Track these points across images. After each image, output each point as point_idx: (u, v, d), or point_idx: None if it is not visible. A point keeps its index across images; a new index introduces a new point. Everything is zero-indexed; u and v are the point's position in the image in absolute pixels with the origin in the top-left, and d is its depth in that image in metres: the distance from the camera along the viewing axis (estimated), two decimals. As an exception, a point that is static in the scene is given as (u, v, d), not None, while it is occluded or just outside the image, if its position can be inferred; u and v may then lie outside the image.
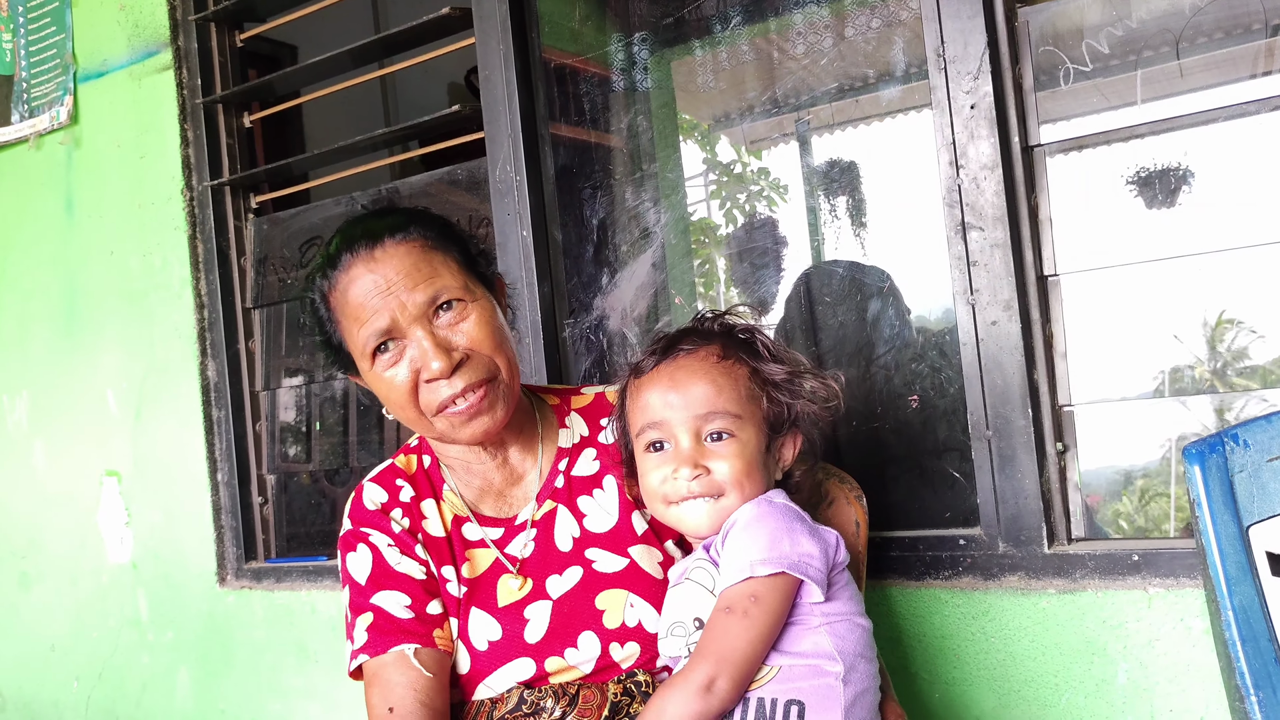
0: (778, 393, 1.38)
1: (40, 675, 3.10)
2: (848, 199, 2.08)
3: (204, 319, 2.67)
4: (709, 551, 1.36)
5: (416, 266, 1.39)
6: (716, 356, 1.38)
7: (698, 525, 1.36)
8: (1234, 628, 1.31)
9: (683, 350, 1.40)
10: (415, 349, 1.39)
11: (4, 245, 3.11)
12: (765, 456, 1.37)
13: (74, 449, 2.97)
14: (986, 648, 1.67)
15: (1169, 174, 1.69)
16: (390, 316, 1.38)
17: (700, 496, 1.34)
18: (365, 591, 1.45)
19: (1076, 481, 1.70)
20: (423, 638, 1.42)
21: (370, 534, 1.48)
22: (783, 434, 1.40)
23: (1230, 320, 1.75)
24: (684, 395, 1.36)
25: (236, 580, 2.63)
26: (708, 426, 1.35)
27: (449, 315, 1.41)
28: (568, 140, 2.27)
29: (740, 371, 1.38)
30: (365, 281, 1.39)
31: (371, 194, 2.50)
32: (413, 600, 1.44)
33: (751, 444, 1.35)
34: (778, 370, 1.39)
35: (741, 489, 1.34)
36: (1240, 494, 1.35)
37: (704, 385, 1.36)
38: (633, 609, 1.44)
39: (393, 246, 1.40)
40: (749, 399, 1.36)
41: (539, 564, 1.48)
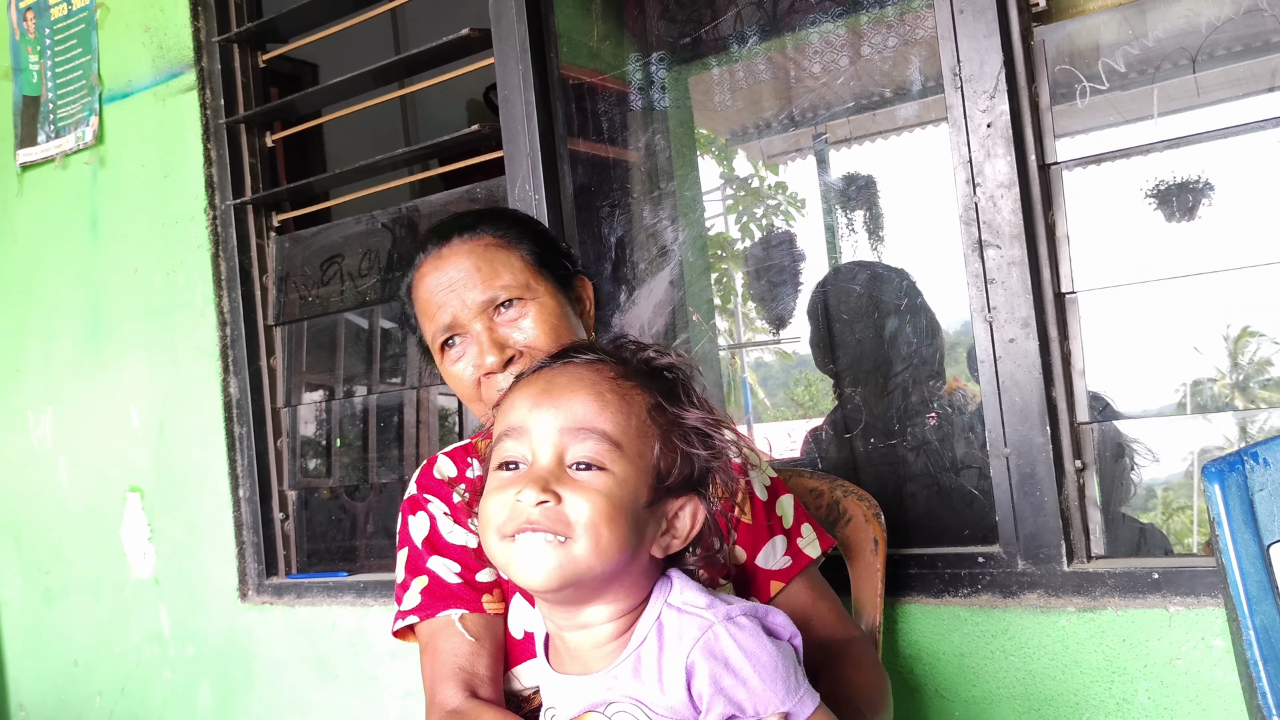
0: (679, 439, 1.10)
1: (63, 690, 3.12)
2: (865, 214, 2.09)
3: (226, 336, 2.70)
4: (634, 699, 1.07)
5: (478, 265, 1.44)
6: (614, 374, 1.10)
7: (531, 572, 1.04)
8: (1255, 647, 1.30)
9: (568, 359, 1.14)
10: (474, 345, 1.45)
11: (30, 263, 3.15)
12: (644, 513, 1.07)
13: (97, 465, 3.00)
14: (1006, 666, 1.67)
15: (1187, 189, 1.69)
16: (453, 313, 1.44)
17: (541, 530, 1.04)
18: (422, 555, 1.48)
19: (1095, 499, 1.69)
20: (470, 603, 1.44)
21: (430, 501, 1.51)
22: (677, 496, 1.10)
23: (1252, 333, 1.75)
24: (558, 403, 1.08)
25: (258, 596, 2.65)
26: (575, 447, 1.06)
27: (509, 313, 1.45)
28: (586, 158, 2.28)
29: (639, 398, 1.09)
30: (432, 279, 1.46)
31: (391, 212, 2.52)
32: (463, 567, 1.46)
33: (626, 486, 1.05)
34: (690, 414, 1.11)
35: (596, 537, 1.03)
36: (1261, 512, 1.34)
37: (585, 398, 1.07)
38: None
39: (460, 244, 1.46)
40: (639, 433, 1.07)
41: None
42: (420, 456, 2.63)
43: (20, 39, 3.12)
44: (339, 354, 2.78)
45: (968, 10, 1.69)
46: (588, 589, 1.07)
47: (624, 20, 2.35)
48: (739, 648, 1.05)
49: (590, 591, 1.08)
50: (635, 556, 1.07)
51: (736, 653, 1.05)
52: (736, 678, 1.04)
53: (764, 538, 1.41)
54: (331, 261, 2.61)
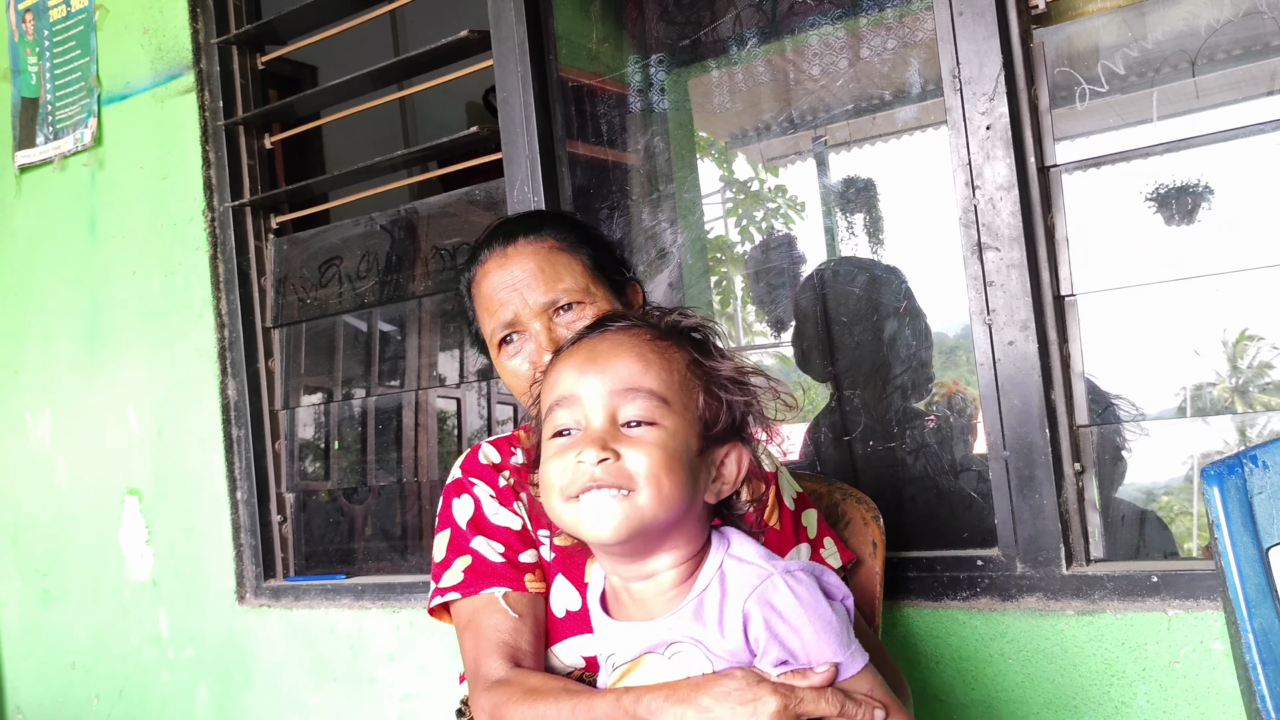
0: (718, 388, 1.16)
1: (61, 692, 3.12)
2: (864, 216, 2.09)
3: (224, 338, 2.70)
4: (694, 638, 1.13)
5: (541, 268, 1.49)
6: (651, 335, 1.17)
7: (600, 526, 1.11)
8: (1254, 650, 1.30)
9: (602, 329, 1.20)
10: (533, 343, 1.48)
11: (28, 264, 3.15)
12: (696, 461, 1.14)
13: (96, 466, 2.99)
14: (1004, 669, 1.67)
15: (1186, 192, 1.68)
16: (514, 311, 1.48)
17: (605, 486, 1.10)
18: (465, 535, 1.51)
19: (1094, 502, 1.69)
20: (513, 581, 1.46)
21: (475, 484, 1.54)
22: (722, 443, 1.17)
23: (1251, 337, 1.75)
24: (604, 369, 1.14)
25: (255, 598, 2.65)
26: (626, 407, 1.12)
27: (568, 315, 1.48)
28: (585, 160, 2.28)
29: (677, 355, 1.16)
30: (496, 277, 1.50)
31: (390, 214, 2.52)
32: (506, 548, 1.49)
33: (678, 437, 1.12)
34: (723, 365, 1.18)
35: (658, 487, 1.09)
36: (1260, 515, 1.34)
37: (629, 360, 1.14)
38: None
39: (524, 245, 1.50)
40: (682, 386, 1.14)
41: None
42: (419, 459, 2.63)
43: (19, 40, 3.12)
44: (337, 356, 2.78)
45: (967, 13, 1.69)
46: (652, 538, 1.13)
47: (623, 22, 2.35)
48: (795, 599, 1.10)
49: (654, 541, 1.14)
50: (692, 503, 1.14)
51: (792, 603, 1.10)
52: (790, 626, 1.10)
53: (790, 544, 1.45)
54: (330, 264, 2.61)
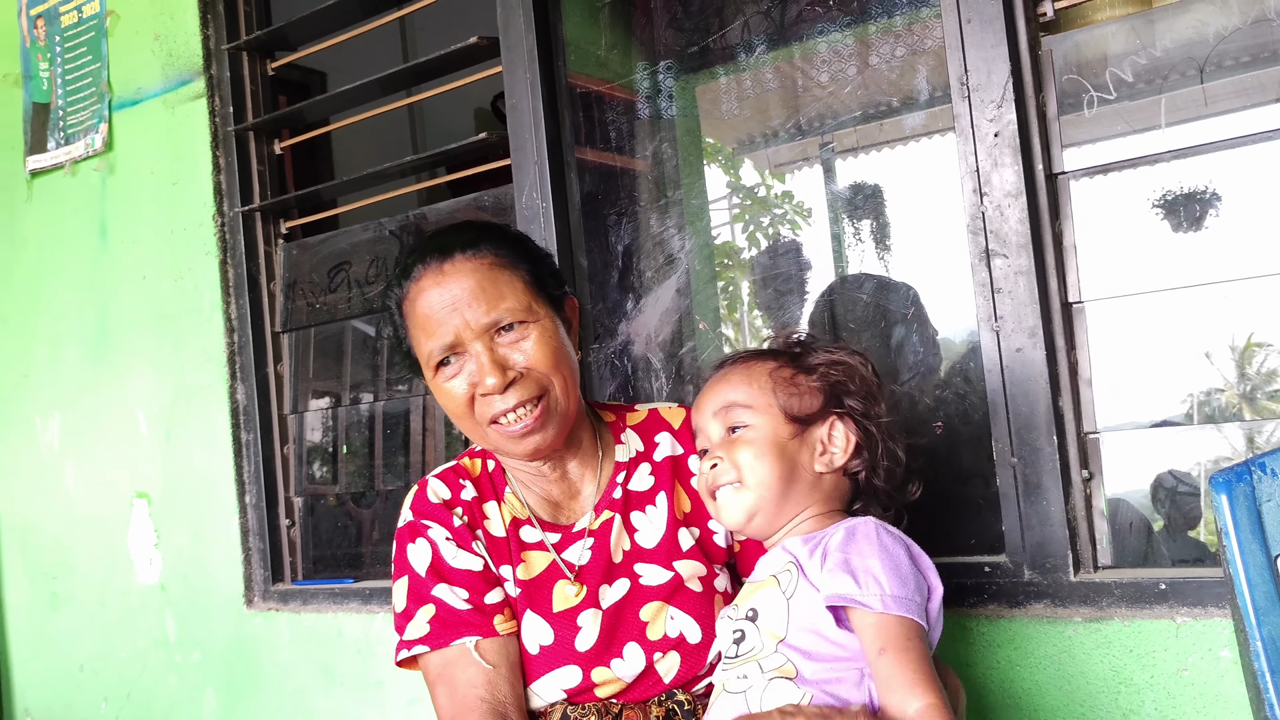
0: (803, 383, 1.41)
1: (69, 695, 3.13)
2: (871, 223, 2.09)
3: (234, 343, 2.70)
4: (797, 557, 1.35)
5: (482, 286, 1.44)
6: (744, 361, 1.46)
7: (726, 514, 1.41)
8: (1263, 658, 1.30)
9: (716, 370, 1.49)
10: (473, 364, 1.44)
11: (39, 269, 3.16)
12: (792, 444, 1.39)
13: (104, 470, 3.00)
14: (1012, 676, 1.66)
15: (1194, 199, 1.68)
16: (455, 333, 1.43)
17: (725, 486, 1.39)
18: (426, 583, 1.47)
19: (1102, 509, 1.69)
20: (483, 628, 1.44)
21: (430, 527, 1.50)
22: (818, 424, 1.41)
23: (1259, 344, 1.74)
24: (709, 398, 1.44)
25: (263, 602, 2.65)
26: (727, 421, 1.41)
27: (510, 335, 1.45)
28: (593, 166, 2.29)
29: (760, 367, 1.43)
30: (433, 295, 1.44)
31: (399, 219, 2.53)
32: (471, 593, 1.46)
33: (764, 431, 1.38)
34: (809, 362, 1.43)
35: (755, 475, 1.37)
36: (1268, 523, 1.34)
37: (723, 386, 1.43)
38: (673, 620, 1.46)
39: (462, 262, 1.45)
40: (761, 391, 1.41)
41: (594, 572, 1.50)
42: (427, 464, 2.63)
43: (31, 46, 3.14)
44: (346, 361, 2.79)
45: (975, 20, 1.69)
46: (772, 511, 1.39)
47: (632, 29, 2.36)
48: (875, 534, 1.30)
49: (776, 513, 1.39)
50: (796, 478, 1.38)
51: (872, 535, 1.30)
52: (857, 549, 1.28)
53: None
54: (339, 269, 2.61)
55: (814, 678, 1.27)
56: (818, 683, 1.27)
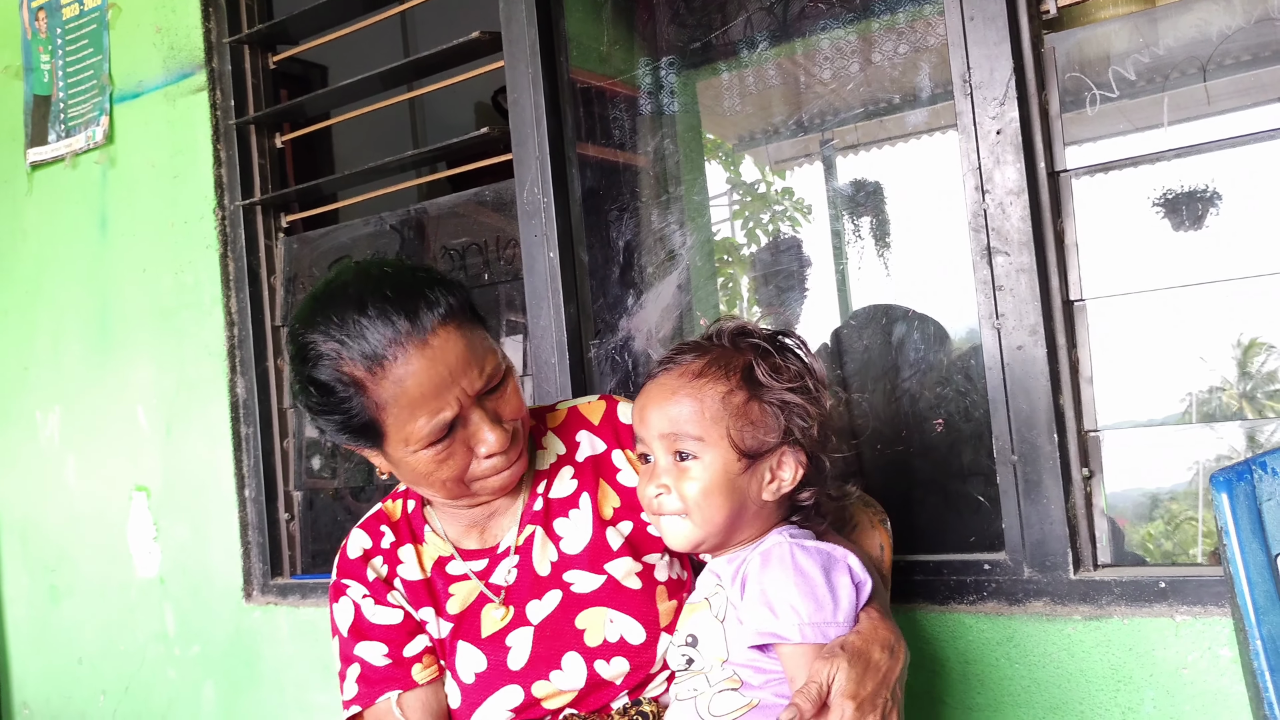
0: (756, 414, 1.33)
1: (68, 688, 3.13)
2: (872, 220, 2.09)
3: (234, 336, 2.70)
4: (720, 578, 1.36)
5: (469, 351, 1.35)
6: (692, 375, 1.35)
7: (671, 541, 1.37)
8: (1262, 657, 1.30)
9: (668, 365, 1.39)
10: (471, 429, 1.37)
11: (39, 262, 3.16)
12: (742, 479, 1.32)
13: (105, 464, 3.00)
14: (1011, 674, 1.67)
15: (1196, 198, 1.68)
16: (456, 408, 1.34)
17: (670, 514, 1.35)
18: (349, 643, 1.50)
19: (1103, 507, 1.69)
20: (402, 681, 1.47)
21: (349, 586, 1.52)
22: (769, 457, 1.34)
23: (1261, 344, 1.74)
24: (654, 414, 1.35)
25: (263, 596, 2.65)
26: (674, 446, 1.34)
27: (496, 391, 1.39)
28: (595, 162, 2.29)
29: (712, 391, 1.33)
30: (426, 374, 1.32)
31: (400, 214, 2.53)
32: (390, 648, 1.48)
33: (714, 467, 1.31)
34: (765, 392, 1.34)
35: (702, 512, 1.32)
36: (1269, 522, 1.34)
37: (670, 405, 1.34)
38: (613, 624, 1.45)
39: (444, 333, 1.33)
40: (713, 421, 1.32)
41: (521, 590, 1.49)
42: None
43: (32, 38, 3.13)
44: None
45: (978, 17, 1.69)
46: (717, 541, 1.36)
47: (634, 25, 2.36)
48: (790, 558, 1.29)
49: (721, 542, 1.37)
50: (743, 509, 1.34)
51: (787, 560, 1.28)
52: (772, 578, 1.28)
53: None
54: (339, 263, 2.61)
55: (759, 685, 1.30)
56: (763, 687, 1.30)
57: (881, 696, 1.23)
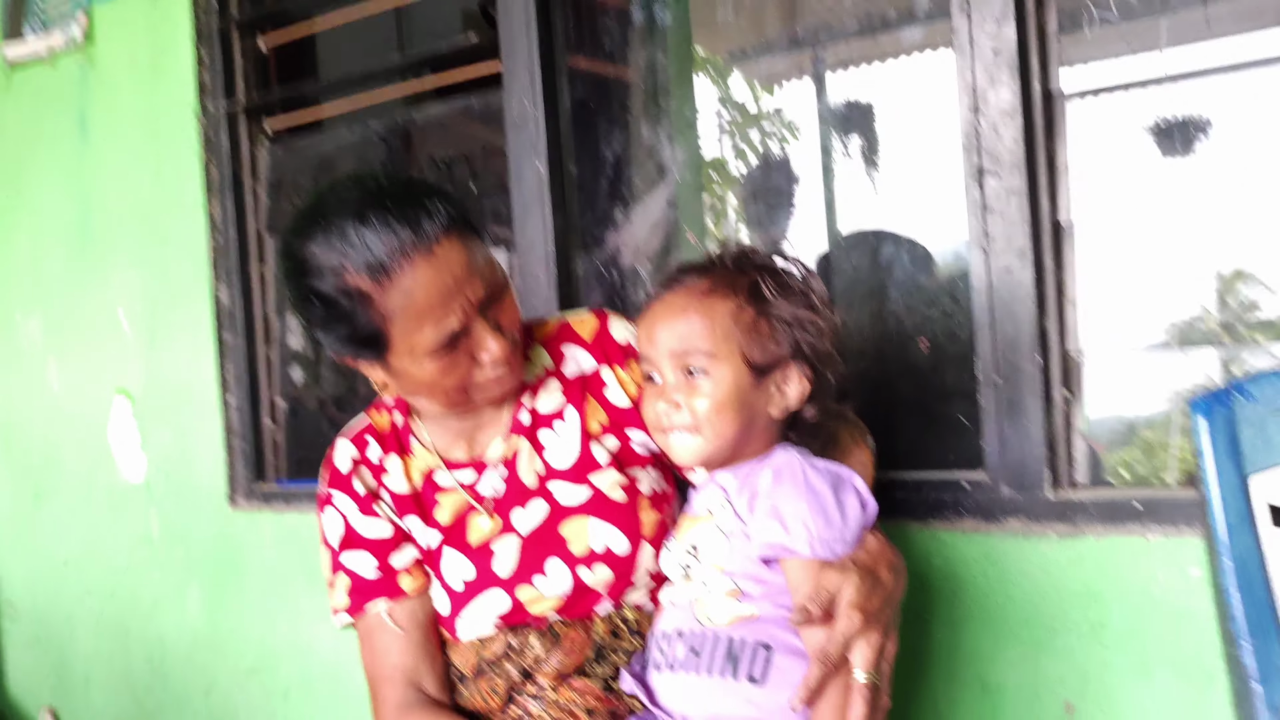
0: (765, 330, 1.36)
1: (53, 589, 3.17)
2: (862, 140, 2.08)
3: (217, 243, 2.68)
4: (727, 492, 1.38)
5: (471, 262, 1.36)
6: (701, 292, 1.37)
7: (679, 457, 1.40)
8: (1231, 575, 1.34)
9: (673, 285, 1.41)
10: (475, 338, 1.38)
11: (18, 163, 3.12)
12: (752, 394, 1.36)
13: (87, 368, 3.00)
14: (986, 589, 1.70)
15: (1188, 124, 1.68)
16: (461, 317, 1.35)
17: (679, 430, 1.37)
18: (338, 554, 1.53)
19: (1082, 429, 1.71)
20: (391, 591, 1.50)
21: (335, 496, 1.54)
22: (776, 372, 1.37)
23: (1243, 275, 1.76)
24: (663, 332, 1.37)
25: (247, 502, 2.67)
26: (684, 363, 1.36)
27: (500, 303, 1.41)
28: (585, 74, 2.25)
29: (721, 308, 1.36)
30: (433, 283, 1.33)
31: (387, 122, 2.49)
32: (378, 559, 1.51)
33: (726, 382, 1.34)
34: (773, 307, 1.37)
35: (713, 427, 1.35)
36: (1245, 446, 1.37)
37: (680, 323, 1.36)
38: (596, 534, 1.47)
39: (448, 243, 1.34)
40: (724, 337, 1.35)
41: (508, 501, 1.52)
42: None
43: (6, -69, 3.05)
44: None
45: (979, -68, 1.66)
46: (725, 454, 1.38)
47: (627, -68, 2.31)
48: (802, 475, 1.32)
49: (728, 455, 1.39)
50: (752, 424, 1.37)
51: (799, 477, 1.32)
52: (784, 493, 1.31)
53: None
54: (325, 171, 2.59)
55: (759, 596, 1.33)
56: (762, 598, 1.33)
57: (886, 614, 1.27)
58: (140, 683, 2.96)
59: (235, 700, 2.74)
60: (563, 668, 1.45)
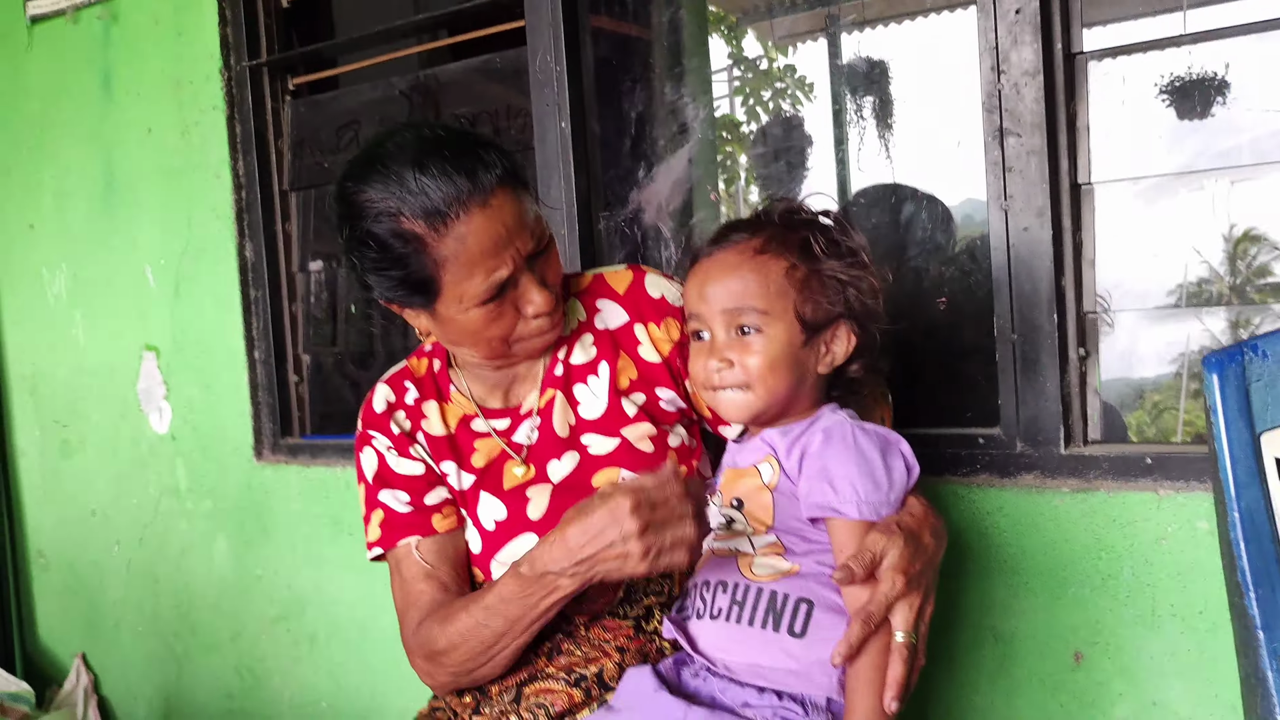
0: (818, 288, 1.38)
1: (82, 538, 3.23)
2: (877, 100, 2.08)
3: (241, 200, 2.71)
4: (776, 450, 1.40)
5: (522, 215, 1.40)
6: (754, 250, 1.39)
7: (728, 414, 1.43)
8: (1239, 528, 1.37)
9: (723, 243, 1.42)
10: (520, 289, 1.42)
11: (42, 119, 3.14)
12: (803, 352, 1.38)
13: (113, 322, 3.04)
14: (1000, 542, 1.75)
15: (1206, 84, 1.69)
16: (511, 268, 1.39)
17: (730, 387, 1.38)
18: (374, 490, 1.58)
19: (1096, 387, 1.75)
20: (422, 528, 1.55)
21: (374, 436, 1.59)
22: (826, 330, 1.39)
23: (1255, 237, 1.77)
24: (715, 289, 1.38)
25: (273, 455, 2.72)
26: (737, 321, 1.37)
27: (545, 256, 1.45)
28: (607, 32, 2.27)
29: (775, 266, 1.37)
30: (487, 233, 1.36)
31: (410, 79, 2.51)
32: (411, 496, 1.56)
33: (779, 340, 1.36)
34: (825, 266, 1.38)
35: (765, 384, 1.36)
36: (1255, 403, 1.39)
37: (733, 281, 1.37)
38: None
39: (502, 194, 1.38)
40: (778, 295, 1.36)
41: (541, 450, 1.56)
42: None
43: (28, -114, 3.05)
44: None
45: (1003, -108, 1.67)
46: (776, 412, 1.41)
47: (649, -111, 2.31)
48: (852, 437, 1.35)
49: (778, 414, 1.42)
50: (802, 381, 1.40)
51: (849, 439, 1.34)
52: (835, 455, 1.33)
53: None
54: (348, 127, 2.61)
55: (802, 553, 1.37)
56: (805, 554, 1.37)
57: (926, 577, 1.32)
58: (169, 629, 3.03)
59: (263, 645, 2.81)
60: (594, 607, 1.50)
